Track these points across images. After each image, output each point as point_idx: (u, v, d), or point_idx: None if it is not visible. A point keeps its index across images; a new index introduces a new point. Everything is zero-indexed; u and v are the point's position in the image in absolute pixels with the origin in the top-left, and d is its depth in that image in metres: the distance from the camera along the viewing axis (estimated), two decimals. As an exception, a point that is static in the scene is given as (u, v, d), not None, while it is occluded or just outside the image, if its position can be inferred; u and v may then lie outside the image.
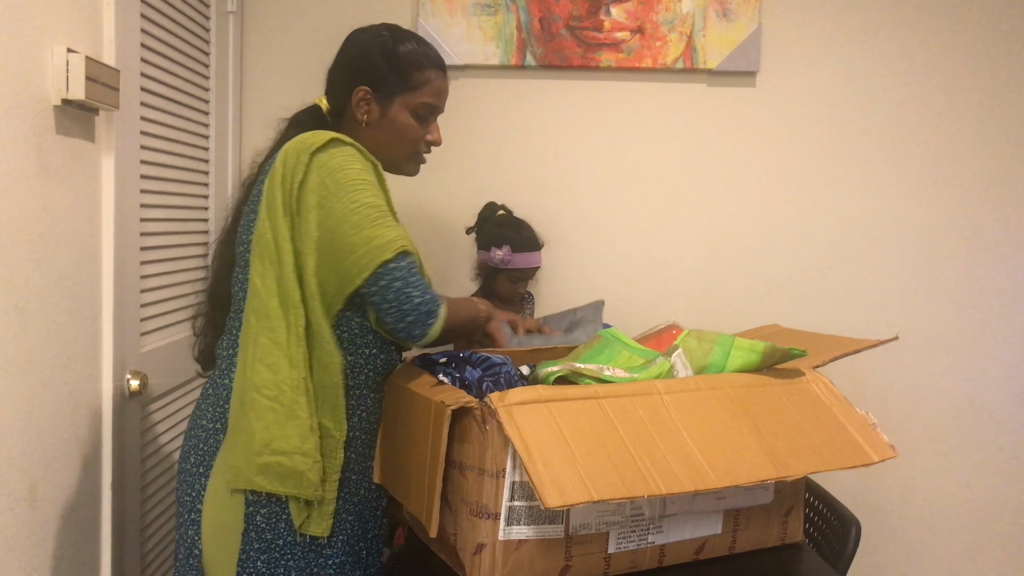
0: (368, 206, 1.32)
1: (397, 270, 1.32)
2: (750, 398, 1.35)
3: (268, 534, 1.35)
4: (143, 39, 1.72)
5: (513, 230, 2.13)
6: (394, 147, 1.49)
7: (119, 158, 1.60)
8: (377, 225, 1.32)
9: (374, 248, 1.31)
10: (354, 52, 1.49)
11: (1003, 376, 2.40)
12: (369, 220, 1.31)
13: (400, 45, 1.46)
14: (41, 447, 1.38)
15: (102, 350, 1.58)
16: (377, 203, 1.34)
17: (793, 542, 1.46)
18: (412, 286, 1.33)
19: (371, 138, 1.47)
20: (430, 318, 1.34)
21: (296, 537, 1.35)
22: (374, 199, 1.33)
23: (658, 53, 2.30)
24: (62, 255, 1.43)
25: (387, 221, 1.34)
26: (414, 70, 1.46)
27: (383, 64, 1.45)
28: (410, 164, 1.53)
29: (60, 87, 1.38)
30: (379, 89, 1.46)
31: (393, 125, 1.47)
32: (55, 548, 1.42)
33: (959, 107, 2.36)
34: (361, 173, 1.33)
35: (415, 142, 1.49)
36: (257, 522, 1.34)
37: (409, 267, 1.34)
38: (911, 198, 2.38)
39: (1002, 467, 2.42)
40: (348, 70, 1.49)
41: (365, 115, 1.47)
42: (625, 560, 1.31)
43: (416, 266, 1.36)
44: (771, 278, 2.40)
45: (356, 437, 1.42)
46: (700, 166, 2.38)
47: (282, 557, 1.35)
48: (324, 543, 1.38)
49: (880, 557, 2.45)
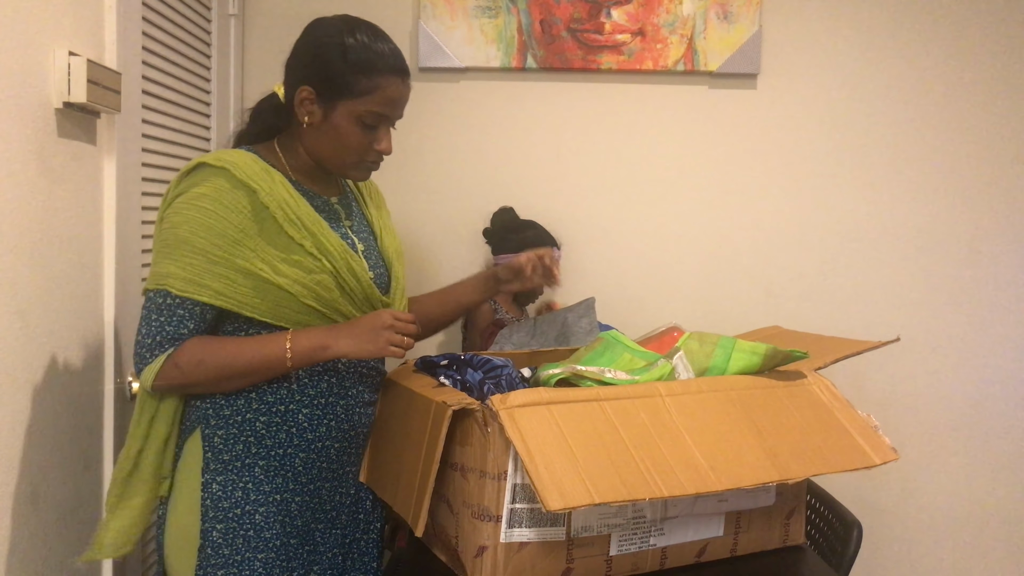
0: (173, 237, 1.28)
1: (149, 301, 1.29)
2: (752, 400, 1.35)
3: (225, 550, 1.34)
4: (144, 42, 1.72)
5: (534, 231, 2.19)
6: (336, 153, 1.38)
7: (120, 161, 1.60)
8: (168, 256, 1.28)
9: (151, 274, 1.30)
10: (305, 47, 1.38)
11: (1004, 378, 2.40)
12: (164, 248, 1.29)
13: (351, 45, 1.33)
14: (43, 449, 1.38)
15: (104, 352, 1.58)
16: (186, 237, 1.27)
17: (795, 544, 1.46)
18: (147, 322, 1.29)
19: (313, 140, 1.39)
20: (142, 362, 1.29)
21: (256, 553, 1.34)
22: (191, 230, 1.27)
23: (659, 55, 2.30)
24: (63, 258, 1.43)
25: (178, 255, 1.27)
26: (361, 75, 1.33)
27: (329, 64, 1.33)
28: (356, 171, 1.41)
29: (62, 90, 1.38)
30: (322, 92, 1.34)
31: (335, 131, 1.36)
32: (58, 551, 1.42)
33: (959, 109, 2.36)
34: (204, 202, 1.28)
35: (359, 151, 1.38)
36: (214, 538, 1.34)
37: (159, 306, 1.28)
38: (911, 200, 2.38)
39: (1003, 469, 2.42)
40: (297, 65, 1.38)
41: (307, 116, 1.36)
42: (627, 563, 1.31)
43: (170, 311, 1.28)
44: (772, 279, 2.40)
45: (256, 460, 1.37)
46: (701, 168, 2.38)
47: (240, 573, 1.34)
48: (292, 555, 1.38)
49: (882, 559, 2.45)
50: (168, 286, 1.27)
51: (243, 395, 1.35)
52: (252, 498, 1.35)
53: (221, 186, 1.29)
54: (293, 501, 1.38)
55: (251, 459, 1.36)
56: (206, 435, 1.36)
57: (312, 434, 1.38)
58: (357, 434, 1.45)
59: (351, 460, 1.45)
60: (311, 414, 1.38)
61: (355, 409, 1.43)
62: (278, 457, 1.36)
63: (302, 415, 1.37)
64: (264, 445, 1.36)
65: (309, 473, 1.39)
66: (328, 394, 1.39)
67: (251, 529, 1.35)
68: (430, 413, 1.27)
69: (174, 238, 1.28)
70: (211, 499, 1.35)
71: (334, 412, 1.40)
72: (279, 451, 1.36)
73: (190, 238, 1.27)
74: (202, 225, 1.27)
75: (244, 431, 1.36)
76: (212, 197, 1.28)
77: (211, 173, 1.30)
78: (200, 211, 1.27)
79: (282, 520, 1.37)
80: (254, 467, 1.36)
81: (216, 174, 1.30)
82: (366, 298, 1.41)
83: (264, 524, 1.35)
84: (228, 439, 1.36)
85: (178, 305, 1.28)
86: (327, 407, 1.39)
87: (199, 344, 1.30)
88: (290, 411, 1.37)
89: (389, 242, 1.53)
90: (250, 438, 1.36)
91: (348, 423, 1.42)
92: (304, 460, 1.38)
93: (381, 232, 1.53)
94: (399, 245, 1.57)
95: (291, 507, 1.38)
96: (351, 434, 1.43)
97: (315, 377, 1.38)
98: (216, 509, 1.34)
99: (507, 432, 1.14)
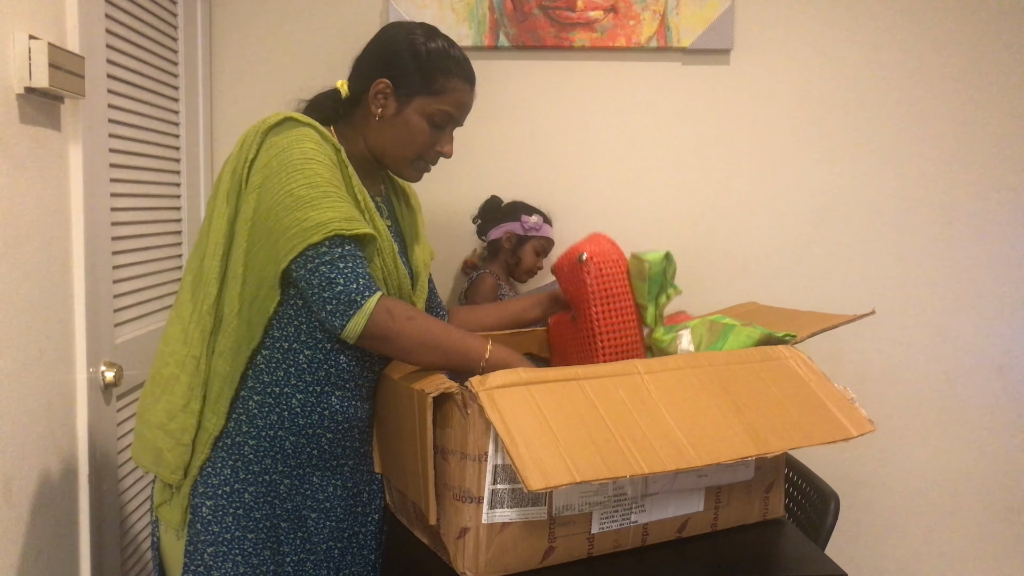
0: (307, 186, 1.26)
1: (326, 254, 1.26)
2: (729, 376, 1.35)
3: (215, 527, 1.34)
4: (108, 24, 1.68)
5: (525, 206, 2.27)
6: (400, 147, 1.43)
7: (87, 146, 1.57)
8: (312, 207, 1.25)
9: (303, 230, 1.25)
10: (384, 43, 1.44)
11: (977, 349, 2.44)
12: (303, 201, 1.26)
13: (431, 46, 1.40)
14: (15, 441, 1.36)
15: (75, 342, 1.56)
16: (319, 183, 1.27)
17: (774, 518, 1.47)
18: (339, 271, 1.26)
19: (380, 133, 1.43)
20: (351, 308, 1.25)
21: (246, 532, 1.34)
22: (317, 178, 1.27)
23: (632, 32, 2.29)
24: (31, 246, 1.40)
25: (326, 203, 1.26)
26: (440, 75, 1.40)
27: (410, 61, 1.40)
28: (412, 170, 1.46)
29: (23, 75, 1.35)
30: (400, 85, 1.40)
31: (406, 125, 1.41)
32: (33, 543, 1.41)
33: (933, 83, 2.37)
34: (309, 152, 1.28)
35: (423, 148, 1.43)
36: (203, 514, 1.34)
37: (341, 253, 1.27)
38: (886, 175, 2.39)
39: (978, 439, 2.46)
40: (374, 60, 1.43)
41: (380, 108, 1.41)
42: (608, 540, 1.31)
43: (352, 253, 1.28)
44: (748, 255, 2.41)
45: (247, 438, 1.35)
46: (675, 144, 2.38)
47: (230, 551, 1.34)
48: (283, 539, 1.37)
49: (859, 529, 2.49)
50: (336, 230, 1.25)
51: (238, 373, 1.34)
52: (241, 476, 1.35)
53: (316, 138, 1.31)
54: (282, 483, 1.38)
55: (241, 437, 1.35)
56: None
57: (304, 420, 1.37)
58: (352, 427, 1.43)
59: (346, 453, 1.44)
60: (305, 400, 1.37)
61: (351, 402, 1.41)
62: (268, 438, 1.36)
63: (295, 400, 1.36)
64: (255, 425, 1.35)
65: (298, 457, 1.38)
66: (325, 383, 1.38)
67: (240, 507, 1.35)
68: (414, 401, 1.26)
69: (307, 184, 1.26)
70: (201, 475, 1.35)
71: (328, 402, 1.38)
72: (269, 432, 1.36)
73: (320, 183, 1.27)
74: (325, 169, 1.29)
75: (236, 408, 1.35)
76: (319, 150, 1.30)
77: (300, 126, 1.32)
78: (316, 158, 1.28)
79: (271, 501, 1.37)
80: (244, 446, 1.35)
81: (306, 127, 1.32)
82: (399, 288, 1.42)
83: (253, 504, 1.35)
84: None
85: (354, 247, 1.28)
86: (322, 395, 1.38)
87: (408, 304, 1.32)
88: (284, 394, 1.36)
89: (419, 252, 1.55)
90: (242, 416, 1.35)
91: (343, 415, 1.40)
92: (294, 444, 1.37)
93: (411, 242, 1.55)
94: (427, 257, 1.58)
95: (280, 489, 1.37)
96: (345, 426, 1.42)
97: (314, 364, 1.36)
98: (206, 485, 1.34)
99: (487, 413, 1.13)
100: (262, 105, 2.26)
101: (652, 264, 1.49)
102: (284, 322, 1.34)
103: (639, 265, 1.50)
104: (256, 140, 1.31)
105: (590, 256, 1.50)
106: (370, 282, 1.28)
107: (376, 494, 1.51)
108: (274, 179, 1.27)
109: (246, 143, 1.32)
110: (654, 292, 1.51)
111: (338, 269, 1.26)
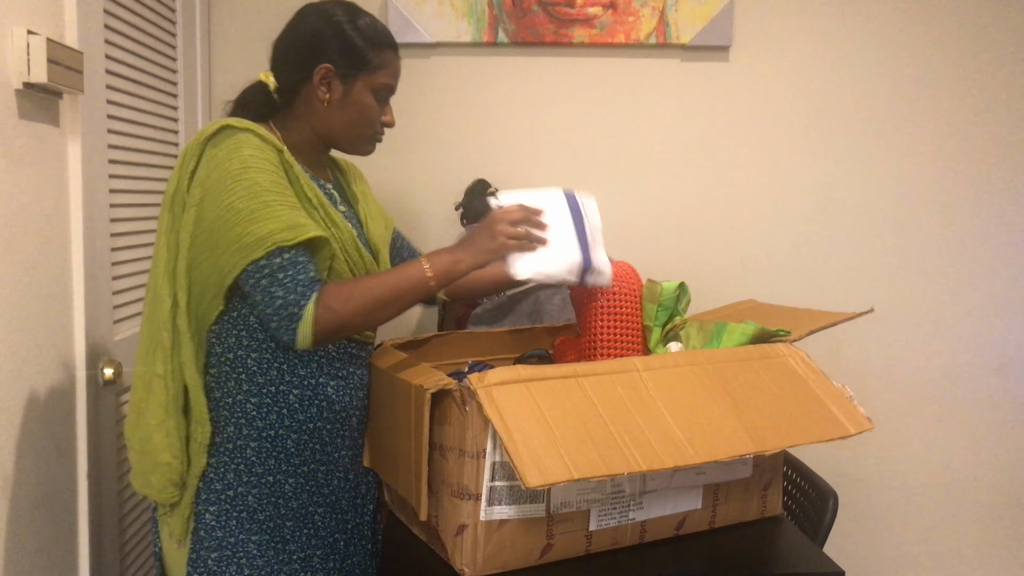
0: (246, 197, 1.25)
1: (265, 267, 1.25)
2: (728, 373, 1.35)
3: (219, 532, 1.34)
4: (107, 20, 1.68)
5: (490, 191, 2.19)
6: (355, 127, 1.43)
7: (86, 142, 1.57)
8: (251, 220, 1.24)
9: (243, 247, 1.25)
10: (310, 29, 1.41)
11: (976, 347, 2.44)
12: (243, 215, 1.25)
13: (360, 23, 1.40)
14: (14, 438, 1.36)
15: (74, 339, 1.56)
16: (258, 192, 1.26)
17: (772, 515, 1.47)
18: (279, 284, 1.25)
19: (330, 117, 1.42)
20: (292, 321, 1.25)
21: (251, 535, 1.35)
22: (256, 187, 1.26)
23: (631, 28, 2.29)
24: (29, 243, 1.40)
25: (266, 214, 1.25)
26: (375, 49, 1.41)
27: (345, 42, 1.39)
28: (367, 144, 1.47)
29: (21, 70, 1.34)
30: (341, 68, 1.39)
31: (356, 106, 1.41)
32: (32, 540, 1.41)
33: (932, 81, 2.37)
34: (248, 161, 1.27)
35: (374, 123, 1.45)
36: (207, 520, 1.34)
37: (281, 263, 1.26)
38: (885, 172, 2.39)
39: (976, 437, 2.46)
40: (304, 47, 1.41)
41: (328, 93, 1.40)
42: (606, 537, 1.31)
43: (293, 260, 1.27)
44: (746, 253, 2.40)
45: (248, 441, 1.35)
46: (674, 141, 2.37)
47: (235, 555, 1.34)
48: (288, 537, 1.37)
49: (857, 527, 2.49)
50: (277, 243, 1.25)
51: (233, 376, 1.34)
52: (244, 480, 1.35)
53: (255, 143, 1.30)
54: (286, 483, 1.38)
55: (242, 440, 1.35)
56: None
57: (303, 415, 1.37)
58: (349, 416, 1.44)
59: (345, 444, 1.44)
60: (301, 395, 1.37)
61: (346, 391, 1.42)
62: (269, 439, 1.36)
63: (292, 396, 1.36)
64: (255, 427, 1.35)
65: (302, 455, 1.39)
66: (318, 374, 1.38)
67: (244, 511, 1.35)
68: (411, 396, 1.26)
69: (246, 196, 1.25)
70: (203, 481, 1.35)
71: (325, 393, 1.39)
72: (270, 432, 1.36)
73: (259, 192, 1.26)
74: (264, 176, 1.27)
75: (235, 412, 1.35)
76: (259, 156, 1.28)
77: (238, 132, 1.30)
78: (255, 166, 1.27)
79: (275, 502, 1.37)
80: (245, 448, 1.35)
81: (244, 133, 1.30)
82: (366, 272, 1.41)
83: (257, 506, 1.35)
84: (219, 421, 1.35)
85: (296, 254, 1.27)
86: (318, 387, 1.38)
87: (338, 285, 1.30)
88: (280, 392, 1.36)
89: (374, 229, 1.53)
90: (241, 419, 1.35)
91: (340, 404, 1.41)
92: (296, 441, 1.37)
93: (367, 219, 1.54)
94: (384, 232, 1.57)
95: (284, 489, 1.37)
96: (343, 415, 1.42)
97: (305, 357, 1.37)
98: (209, 491, 1.34)
99: (485, 410, 1.13)
100: (261, 101, 2.25)
101: (666, 290, 1.50)
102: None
103: (653, 288, 1.52)
104: (195, 152, 1.31)
105: None
106: (308, 287, 1.27)
107: (371, 484, 1.52)
108: (213, 193, 1.27)
109: (187, 156, 1.31)
110: (662, 318, 1.52)
111: (278, 281, 1.26)
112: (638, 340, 1.53)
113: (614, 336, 1.50)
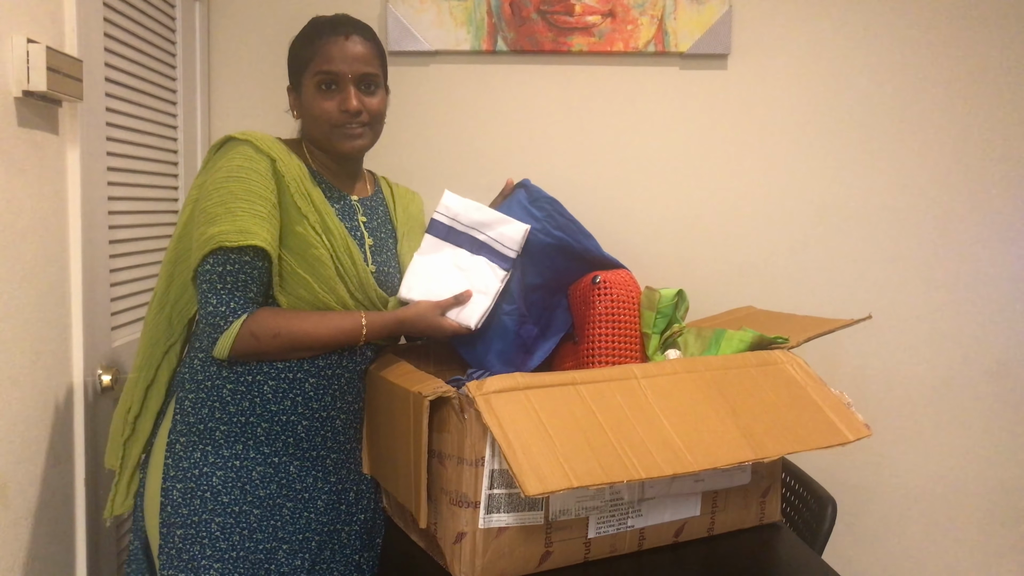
0: (218, 203, 1.33)
1: (209, 271, 1.33)
2: (726, 380, 1.36)
3: (183, 509, 1.37)
4: (106, 28, 1.68)
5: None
6: (314, 126, 1.47)
7: (84, 150, 1.57)
8: (212, 222, 1.32)
9: (199, 245, 1.34)
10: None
11: (974, 354, 2.44)
12: (209, 217, 1.33)
13: (300, 33, 1.49)
14: (11, 445, 1.35)
15: (72, 345, 1.56)
16: (228, 199, 1.33)
17: (771, 522, 1.48)
18: (215, 291, 1.33)
19: (304, 130, 1.52)
20: (215, 332, 1.34)
21: (214, 516, 1.37)
22: (228, 195, 1.33)
23: (629, 37, 2.29)
24: (28, 250, 1.40)
25: (225, 217, 1.31)
26: (305, 47, 1.46)
27: (289, 57, 1.50)
28: (338, 139, 1.47)
29: (21, 78, 1.35)
30: (292, 80, 1.50)
31: (307, 108, 1.47)
32: (29, 547, 1.40)
33: (930, 87, 2.37)
34: (235, 170, 1.35)
35: (327, 115, 1.44)
36: (173, 497, 1.38)
37: (222, 272, 1.33)
38: (883, 179, 2.39)
39: (974, 444, 2.46)
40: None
41: (294, 110, 1.52)
42: (605, 544, 1.31)
43: (237, 271, 1.33)
44: (745, 260, 2.41)
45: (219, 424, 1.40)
46: (672, 149, 2.38)
47: (198, 534, 1.36)
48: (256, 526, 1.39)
49: (856, 534, 2.48)
50: (220, 242, 1.30)
51: (215, 362, 1.39)
52: (210, 460, 1.38)
53: (248, 153, 1.37)
54: (254, 470, 1.40)
55: (213, 423, 1.39)
56: (179, 398, 1.42)
57: (276, 406, 1.40)
58: (331, 417, 1.44)
59: (326, 445, 1.44)
60: (276, 387, 1.40)
61: (328, 391, 1.43)
62: (239, 424, 1.39)
63: (267, 387, 1.40)
64: (227, 411, 1.39)
65: (272, 445, 1.41)
66: (297, 369, 1.41)
67: (208, 491, 1.37)
68: (410, 404, 1.26)
69: (217, 202, 1.33)
70: (173, 458, 1.39)
71: (302, 388, 1.41)
72: (241, 418, 1.39)
73: (229, 199, 1.32)
74: (240, 185, 1.33)
75: (211, 396, 1.39)
76: (246, 166, 1.36)
77: (237, 144, 1.39)
78: (238, 175, 1.34)
79: (242, 487, 1.38)
80: (215, 431, 1.39)
81: (242, 144, 1.38)
82: (360, 284, 1.45)
83: (222, 488, 1.38)
84: (196, 403, 1.40)
85: (241, 265, 1.33)
86: (294, 382, 1.41)
87: (272, 316, 1.35)
88: (256, 381, 1.39)
89: (407, 248, 1.59)
90: (215, 403, 1.39)
91: (318, 402, 1.42)
92: (267, 431, 1.40)
93: (402, 237, 1.60)
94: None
95: (252, 475, 1.40)
96: (322, 415, 1.43)
97: None
98: (177, 468, 1.38)
99: (484, 418, 1.13)
100: (260, 109, 2.26)
101: (664, 297, 1.51)
102: None
103: (651, 296, 1.52)
104: (206, 159, 1.43)
105: (604, 279, 1.53)
106: (242, 303, 1.34)
107: (365, 494, 1.51)
108: (201, 197, 1.37)
109: (204, 161, 1.44)
110: (660, 325, 1.52)
111: (215, 288, 1.33)
112: (636, 347, 1.53)
113: (612, 343, 1.50)
